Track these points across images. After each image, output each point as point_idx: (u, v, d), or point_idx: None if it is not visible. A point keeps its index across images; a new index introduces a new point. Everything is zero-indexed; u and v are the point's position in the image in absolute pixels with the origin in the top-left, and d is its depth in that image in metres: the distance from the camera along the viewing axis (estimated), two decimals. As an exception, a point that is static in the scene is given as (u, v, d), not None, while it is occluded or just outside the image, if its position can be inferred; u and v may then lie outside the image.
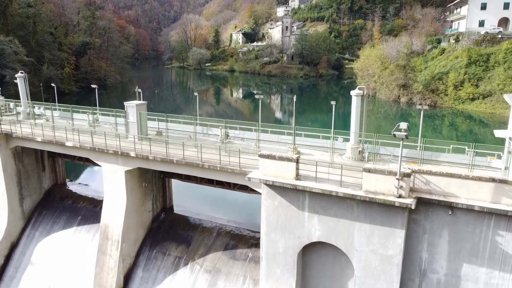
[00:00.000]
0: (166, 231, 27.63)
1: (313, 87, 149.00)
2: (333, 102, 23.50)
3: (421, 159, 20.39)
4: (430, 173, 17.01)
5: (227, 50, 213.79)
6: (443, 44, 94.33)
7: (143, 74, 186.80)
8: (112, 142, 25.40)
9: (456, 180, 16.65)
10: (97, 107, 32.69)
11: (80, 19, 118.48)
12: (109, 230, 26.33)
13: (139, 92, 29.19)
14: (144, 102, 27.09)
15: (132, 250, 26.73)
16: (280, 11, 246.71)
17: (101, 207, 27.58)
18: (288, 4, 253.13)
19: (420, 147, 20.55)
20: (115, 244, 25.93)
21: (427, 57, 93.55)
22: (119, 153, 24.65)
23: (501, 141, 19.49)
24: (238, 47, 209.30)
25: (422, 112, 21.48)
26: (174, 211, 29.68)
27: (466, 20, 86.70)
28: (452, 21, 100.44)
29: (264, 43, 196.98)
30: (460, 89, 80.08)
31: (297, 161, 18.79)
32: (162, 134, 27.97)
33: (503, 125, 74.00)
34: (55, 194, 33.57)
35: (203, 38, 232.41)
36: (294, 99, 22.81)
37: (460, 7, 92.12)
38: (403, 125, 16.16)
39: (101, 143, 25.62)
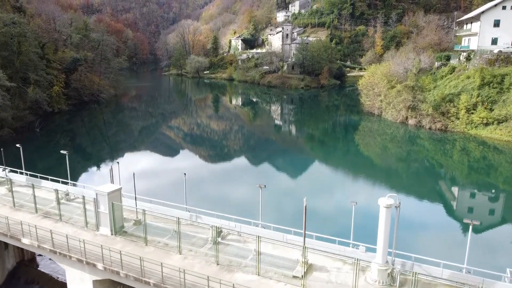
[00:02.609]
0: None
1: (314, 98, 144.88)
2: (353, 202, 18.60)
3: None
4: None
5: (226, 57, 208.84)
6: (453, 62, 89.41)
7: (140, 85, 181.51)
8: (78, 240, 20.52)
9: None
10: (68, 177, 27.80)
11: (73, 31, 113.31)
12: None
13: (111, 169, 24.17)
14: (118, 187, 22.16)
15: None
16: (280, 16, 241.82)
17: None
18: (288, 9, 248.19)
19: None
20: None
21: (436, 75, 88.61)
22: (84, 262, 19.75)
23: None
24: (237, 53, 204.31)
25: (470, 229, 16.58)
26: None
27: (478, 38, 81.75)
28: (461, 36, 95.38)
29: (264, 50, 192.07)
30: (472, 113, 75.10)
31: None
32: (141, 223, 23.05)
33: (520, 153, 69.30)
34: (20, 276, 28.62)
35: (202, 44, 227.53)
36: (305, 202, 17.92)
37: (471, 23, 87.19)
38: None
39: (64, 242, 20.73)
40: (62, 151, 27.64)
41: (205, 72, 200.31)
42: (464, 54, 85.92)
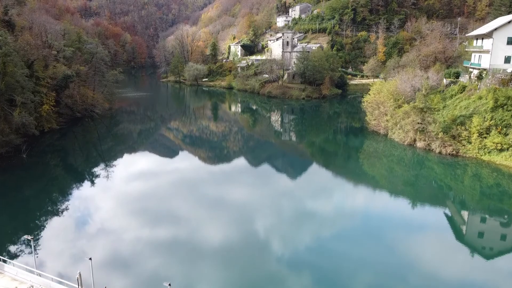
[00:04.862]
0: None
1: (316, 108, 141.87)
2: None
3: None
4: None
5: (225, 64, 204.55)
6: (462, 79, 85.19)
7: (137, 94, 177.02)
8: None
9: None
10: (35, 265, 23.50)
11: (66, 43, 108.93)
12: None
13: (79, 277, 19.86)
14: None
15: None
16: (280, 21, 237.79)
17: None
18: (288, 14, 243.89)
19: None
20: None
21: (445, 93, 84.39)
22: None
23: None
24: (236, 60, 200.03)
25: None
26: None
27: (490, 56, 77.56)
28: (471, 52, 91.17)
29: (264, 57, 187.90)
30: (485, 137, 70.79)
31: None
32: None
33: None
34: None
35: (201, 50, 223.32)
36: None
37: (482, 38, 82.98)
38: None
39: None
40: (25, 236, 23.25)
41: (203, 80, 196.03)
42: (475, 72, 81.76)
